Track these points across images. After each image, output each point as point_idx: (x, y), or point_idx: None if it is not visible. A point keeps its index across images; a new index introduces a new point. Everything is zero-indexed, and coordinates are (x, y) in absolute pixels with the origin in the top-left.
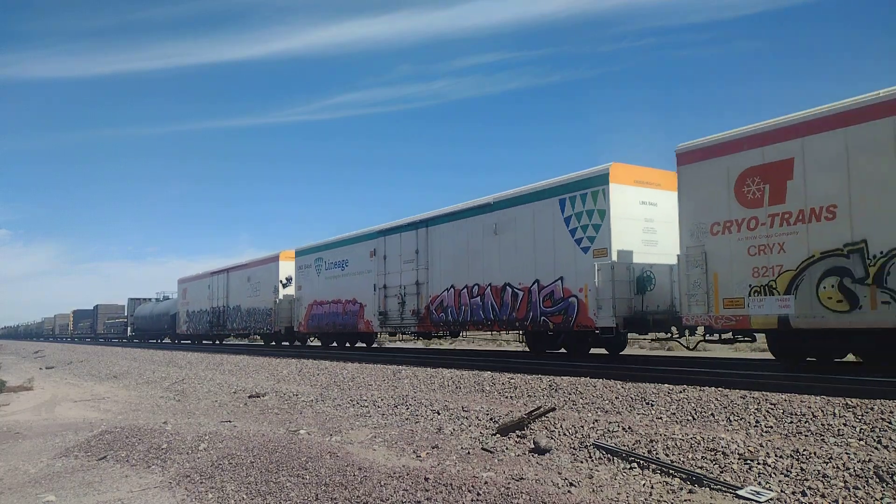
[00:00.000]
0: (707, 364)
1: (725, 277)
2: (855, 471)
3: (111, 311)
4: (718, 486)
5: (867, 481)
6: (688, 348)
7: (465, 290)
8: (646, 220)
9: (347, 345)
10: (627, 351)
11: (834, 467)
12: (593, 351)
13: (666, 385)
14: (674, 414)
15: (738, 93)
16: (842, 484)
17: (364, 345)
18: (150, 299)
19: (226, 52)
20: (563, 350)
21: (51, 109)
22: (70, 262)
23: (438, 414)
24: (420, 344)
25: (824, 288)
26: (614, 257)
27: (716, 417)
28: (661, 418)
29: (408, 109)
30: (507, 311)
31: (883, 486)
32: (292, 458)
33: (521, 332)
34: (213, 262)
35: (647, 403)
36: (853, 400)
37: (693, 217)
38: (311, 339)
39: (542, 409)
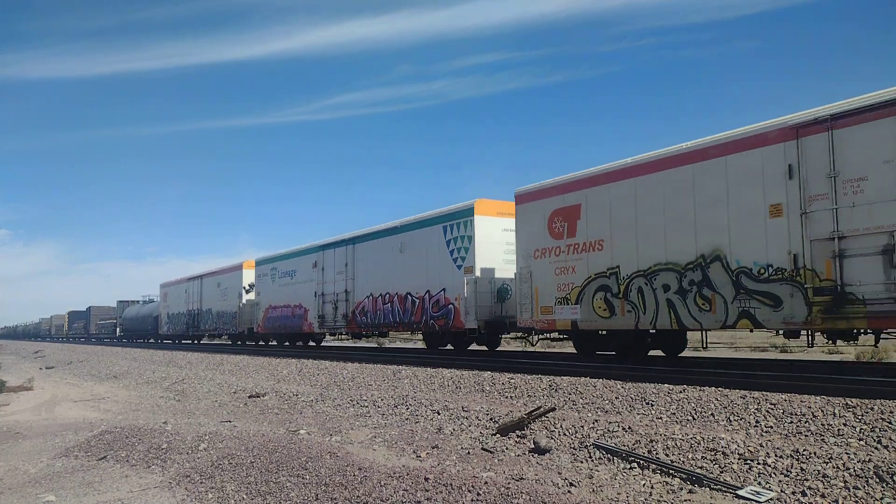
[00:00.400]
0: (707, 364)
1: (542, 291)
2: (855, 471)
3: (103, 312)
4: (718, 486)
5: (867, 481)
6: (532, 344)
7: (380, 297)
8: (507, 243)
9: (299, 343)
10: None
11: (834, 467)
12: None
13: (666, 385)
14: (674, 414)
15: (738, 93)
16: (842, 484)
17: (314, 343)
18: (137, 301)
19: (226, 52)
20: (449, 347)
21: (51, 109)
22: (70, 262)
23: (438, 414)
24: (352, 342)
25: (596, 300)
26: (478, 273)
27: (716, 417)
28: (661, 418)
29: (408, 109)
30: (408, 315)
31: (883, 486)
32: (292, 458)
33: (420, 332)
34: (212, 262)
35: (647, 403)
36: (853, 400)
37: (524, 245)
38: (271, 339)
39: (542, 409)
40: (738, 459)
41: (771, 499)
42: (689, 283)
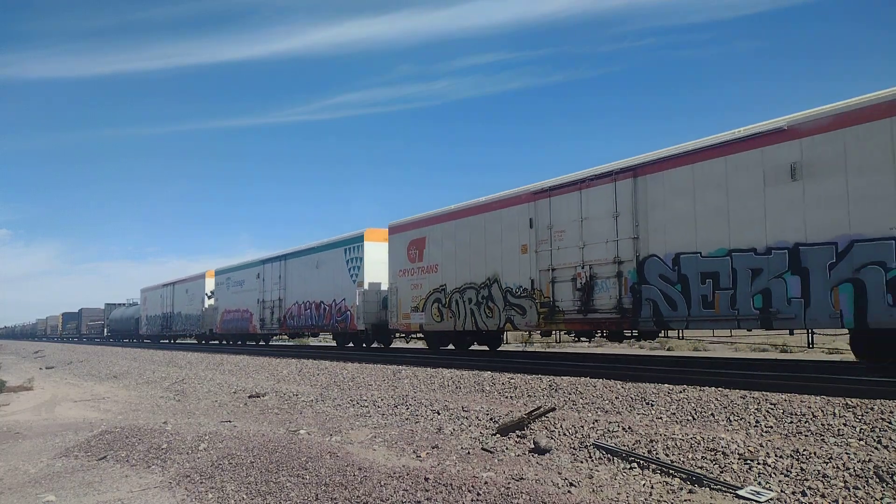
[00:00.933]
0: (707, 364)
1: (403, 301)
2: (855, 471)
3: (93, 314)
4: (718, 486)
5: (867, 481)
6: (406, 342)
7: (303, 304)
8: None
9: (251, 343)
10: (629, 351)
11: (834, 467)
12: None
13: (666, 385)
14: (674, 414)
15: (738, 93)
16: (842, 484)
17: (263, 343)
18: (123, 304)
19: (226, 52)
20: (350, 344)
21: (51, 109)
22: (70, 262)
23: (438, 414)
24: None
25: (433, 309)
26: (366, 287)
27: (716, 417)
28: (661, 418)
29: (408, 109)
30: (322, 319)
31: (883, 486)
32: (292, 458)
33: (330, 332)
34: (213, 262)
35: (647, 403)
36: (853, 400)
37: (392, 266)
38: (230, 340)
39: (542, 409)
40: (738, 459)
41: (771, 499)
42: (482, 298)
